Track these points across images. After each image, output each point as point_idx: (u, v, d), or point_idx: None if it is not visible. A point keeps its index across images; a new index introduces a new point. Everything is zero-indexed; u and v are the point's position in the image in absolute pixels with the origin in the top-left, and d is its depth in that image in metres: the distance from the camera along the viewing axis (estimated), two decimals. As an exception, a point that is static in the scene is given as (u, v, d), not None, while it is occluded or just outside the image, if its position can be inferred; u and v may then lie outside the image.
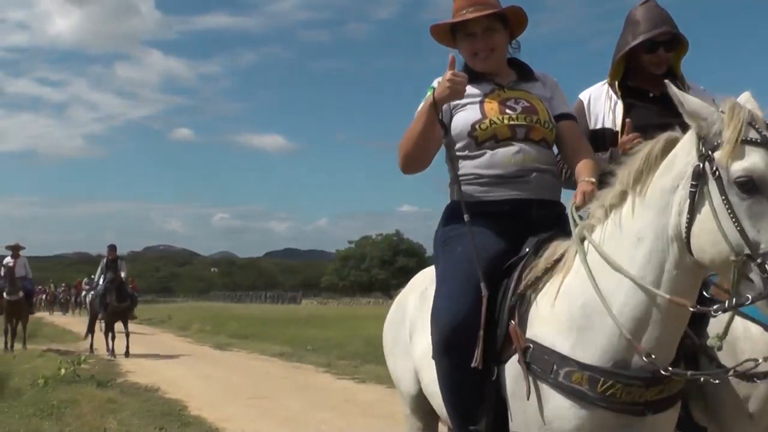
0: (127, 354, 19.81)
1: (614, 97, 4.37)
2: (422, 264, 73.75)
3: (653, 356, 2.95)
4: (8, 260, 21.51)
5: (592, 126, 4.38)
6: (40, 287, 54.52)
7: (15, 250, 22.15)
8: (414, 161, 3.97)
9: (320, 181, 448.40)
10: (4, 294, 20.84)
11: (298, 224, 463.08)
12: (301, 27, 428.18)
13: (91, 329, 21.88)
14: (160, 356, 18.74)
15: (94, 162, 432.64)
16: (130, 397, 12.61)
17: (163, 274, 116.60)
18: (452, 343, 3.45)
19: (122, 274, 20.68)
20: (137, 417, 10.62)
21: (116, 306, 20.05)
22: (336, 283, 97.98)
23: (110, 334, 20.23)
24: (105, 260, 20.97)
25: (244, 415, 11.13)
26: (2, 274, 21.20)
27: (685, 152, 2.90)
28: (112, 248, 21.06)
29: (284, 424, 10.56)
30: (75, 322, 39.19)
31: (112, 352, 19.85)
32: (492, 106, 3.84)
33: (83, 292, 40.25)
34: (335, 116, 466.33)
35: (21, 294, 21.06)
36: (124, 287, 20.71)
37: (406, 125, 3.89)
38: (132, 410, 11.15)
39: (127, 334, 20.39)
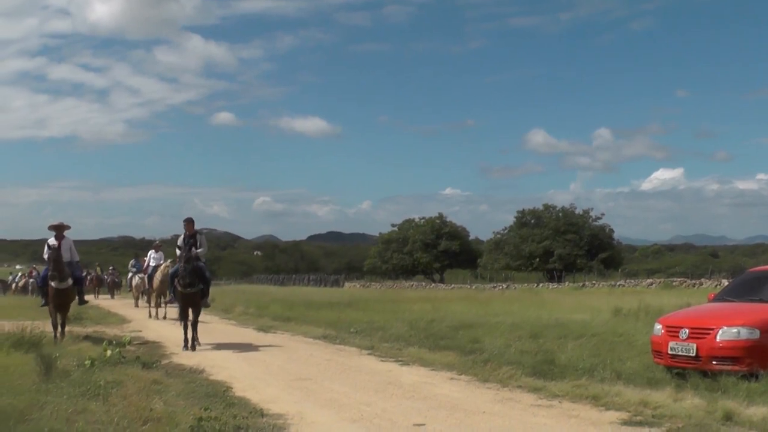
0: (193, 347, 17.78)
1: None
2: (465, 247, 73.53)
3: None
4: (52, 242, 18.46)
5: None
6: (87, 271, 54.98)
7: (59, 230, 18.95)
8: None
9: (362, 164, 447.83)
10: (51, 281, 18.21)
11: (341, 207, 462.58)
12: (340, 10, 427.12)
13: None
14: (206, 338, 18.76)
15: (137, 147, 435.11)
16: (174, 378, 12.70)
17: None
18: None
19: (200, 250, 18.65)
20: (182, 398, 10.69)
21: (182, 291, 18.10)
22: (379, 266, 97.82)
23: (184, 324, 18.16)
24: (183, 235, 18.93)
25: (287, 397, 11.17)
26: (46, 257, 18.39)
27: None
28: (189, 221, 19.04)
29: (328, 405, 10.58)
30: (119, 304, 39.57)
31: (186, 344, 17.78)
32: None
33: (129, 275, 40.50)
34: (376, 99, 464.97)
35: (70, 281, 18.39)
36: (196, 268, 18.20)
37: (446, 109, 3.60)
38: (177, 391, 11.22)
39: (194, 325, 18.18)
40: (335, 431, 8.89)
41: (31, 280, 51.33)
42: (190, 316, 18.09)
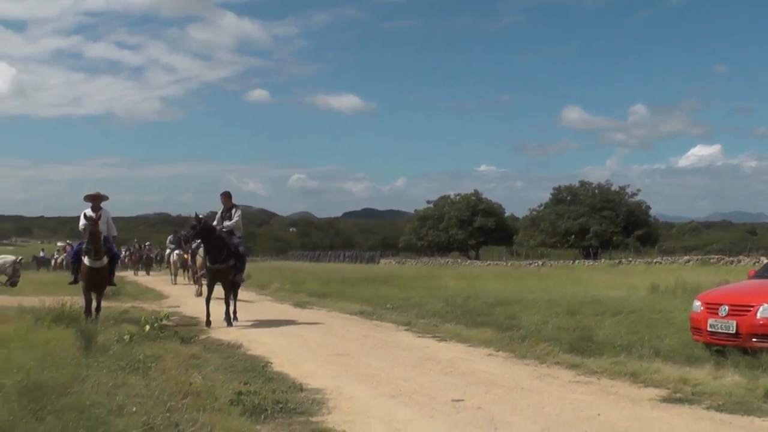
0: (229, 322, 17.63)
1: None
2: (500, 224, 73.24)
3: None
4: (89, 213, 16.71)
5: None
6: (126, 248, 55.34)
7: (96, 200, 17.16)
8: None
9: (397, 141, 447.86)
10: (85, 258, 16.54)
11: (376, 184, 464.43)
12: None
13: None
14: (243, 314, 18.82)
15: (172, 124, 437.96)
16: (213, 353, 12.79)
17: (242, 234, 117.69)
18: None
19: (227, 224, 18.45)
20: (221, 372, 10.76)
21: (210, 266, 18.02)
22: (414, 243, 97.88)
23: (207, 300, 17.80)
24: (221, 210, 18.85)
25: (325, 372, 11.21)
26: (82, 228, 16.75)
27: None
28: (225, 195, 18.87)
29: (365, 380, 10.60)
30: (156, 281, 39.81)
31: (209, 322, 17.32)
32: None
33: (167, 251, 40.72)
34: (410, 76, 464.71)
35: (105, 260, 16.75)
36: (223, 242, 17.88)
37: (481, 85, 3.57)
38: (215, 366, 11.30)
39: (226, 301, 18.16)
40: (374, 406, 8.89)
41: (65, 254, 51.64)
42: (214, 293, 18.06)
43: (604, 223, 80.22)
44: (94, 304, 16.95)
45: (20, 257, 21.30)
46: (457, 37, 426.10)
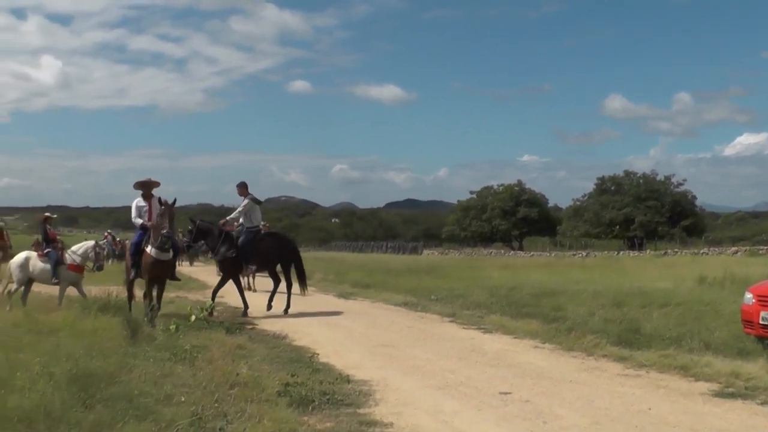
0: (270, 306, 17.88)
1: None
2: (544, 214, 72.76)
3: None
4: (141, 203, 16.06)
5: None
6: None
7: (147, 187, 16.28)
8: None
9: (438, 130, 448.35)
10: (148, 249, 15.47)
11: (418, 175, 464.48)
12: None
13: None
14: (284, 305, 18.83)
15: (214, 115, 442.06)
16: (258, 343, 12.83)
17: (284, 224, 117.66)
18: None
19: (231, 215, 18.28)
20: (267, 363, 10.80)
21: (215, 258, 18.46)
22: (457, 233, 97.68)
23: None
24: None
25: (371, 363, 11.18)
26: (137, 220, 16.00)
27: None
28: (239, 185, 18.38)
29: (411, 372, 10.57)
30: (199, 270, 39.96)
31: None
32: None
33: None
34: (450, 65, 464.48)
35: (171, 253, 15.89)
36: (224, 236, 17.84)
37: (522, 74, 3.43)
38: (261, 356, 11.34)
39: (239, 290, 18.53)
40: (420, 398, 8.85)
41: (103, 241, 51.86)
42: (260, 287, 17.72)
43: (649, 214, 79.53)
44: (134, 297, 16.45)
45: (104, 240, 21.16)
46: (498, 25, 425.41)
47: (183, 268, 44.97)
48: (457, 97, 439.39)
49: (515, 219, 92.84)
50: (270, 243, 18.33)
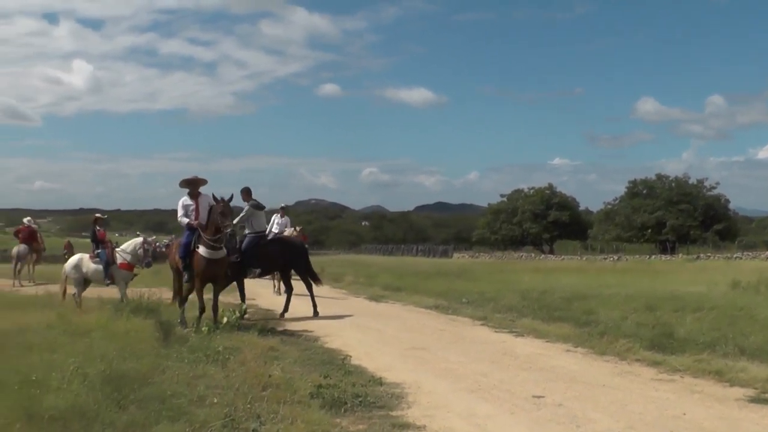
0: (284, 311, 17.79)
1: None
2: (575, 218, 72.54)
3: None
4: (187, 201, 15.47)
5: None
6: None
7: (194, 185, 15.67)
8: None
9: (468, 134, 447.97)
10: (200, 249, 14.89)
11: (448, 178, 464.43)
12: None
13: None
14: (318, 307, 18.84)
15: (244, 118, 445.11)
16: (290, 345, 12.84)
17: (314, 227, 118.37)
18: None
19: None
20: (299, 365, 10.82)
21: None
22: (488, 236, 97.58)
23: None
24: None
25: (402, 366, 11.16)
26: (184, 220, 15.46)
27: None
28: (242, 191, 17.97)
29: (444, 375, 10.54)
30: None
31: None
32: None
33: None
34: (481, 68, 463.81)
35: (224, 251, 15.25)
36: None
37: (553, 77, 3.43)
38: (293, 358, 11.36)
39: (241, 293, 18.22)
40: (453, 401, 8.82)
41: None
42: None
43: (681, 217, 79.07)
44: (182, 298, 16.09)
45: (153, 237, 21.01)
46: (529, 28, 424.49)
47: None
48: (488, 100, 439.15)
49: (546, 222, 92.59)
50: (275, 248, 18.29)
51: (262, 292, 25.42)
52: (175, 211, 15.84)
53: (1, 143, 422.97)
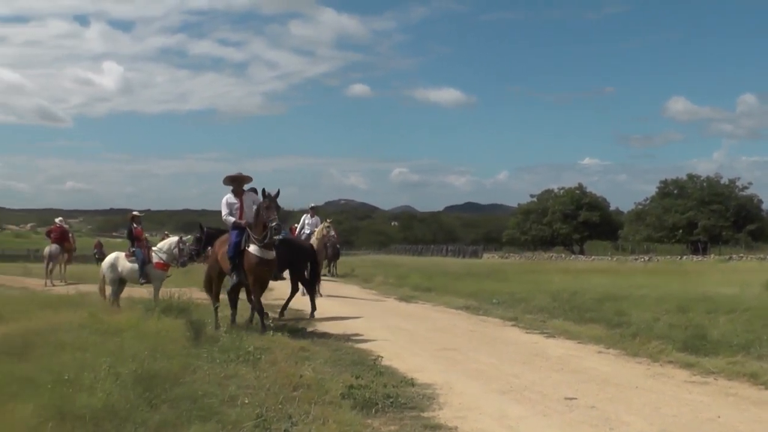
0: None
1: None
2: (606, 218, 72.15)
3: None
4: (231, 199, 15.09)
5: None
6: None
7: (238, 182, 15.33)
8: None
9: (498, 134, 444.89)
10: (250, 248, 14.43)
11: (478, 178, 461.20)
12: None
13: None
14: (348, 307, 18.91)
15: (274, 119, 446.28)
16: (321, 346, 12.81)
17: (344, 227, 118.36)
18: None
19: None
20: (330, 365, 10.82)
21: None
22: (517, 237, 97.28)
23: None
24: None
25: (433, 367, 11.14)
26: (229, 218, 14.96)
27: None
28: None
29: (475, 376, 10.51)
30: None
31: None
32: None
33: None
34: (510, 68, 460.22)
35: (274, 252, 14.74)
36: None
37: (583, 77, 3.33)
38: (324, 358, 11.36)
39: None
40: (485, 403, 8.79)
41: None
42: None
43: (713, 218, 78.45)
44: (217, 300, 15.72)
45: (188, 236, 20.82)
46: (558, 27, 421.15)
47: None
48: (518, 100, 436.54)
49: (576, 223, 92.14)
50: (282, 250, 18.11)
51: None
52: (205, 211, 15.93)
53: (33, 144, 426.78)
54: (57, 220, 33.66)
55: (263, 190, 14.37)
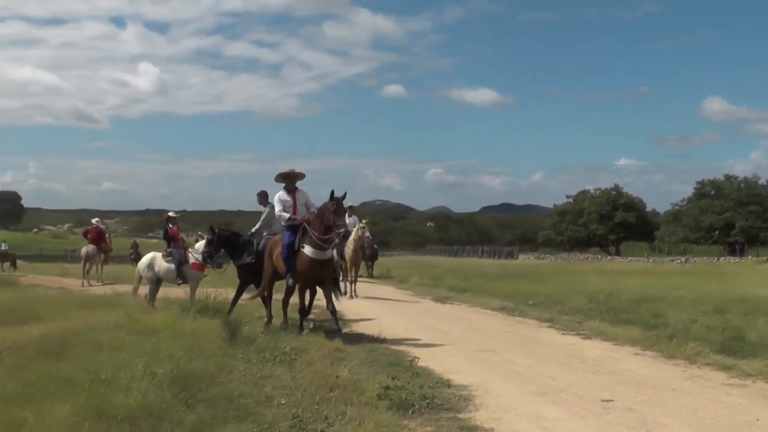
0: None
1: None
2: (642, 219, 71.87)
3: None
4: (284, 197, 14.76)
5: None
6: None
7: (290, 179, 14.99)
8: None
9: (533, 134, 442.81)
10: (304, 248, 14.13)
11: (513, 179, 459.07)
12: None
13: None
14: (384, 308, 18.92)
15: (309, 120, 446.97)
16: (356, 346, 12.82)
17: (380, 228, 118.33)
18: None
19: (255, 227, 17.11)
20: (366, 366, 10.82)
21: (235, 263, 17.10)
22: (553, 238, 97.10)
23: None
24: None
25: (470, 368, 11.12)
26: (282, 216, 14.76)
27: None
28: (261, 194, 17.25)
29: (511, 377, 10.48)
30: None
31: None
32: None
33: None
34: (546, 68, 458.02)
35: (332, 251, 14.59)
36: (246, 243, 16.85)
37: (619, 77, 3.24)
38: (360, 359, 11.37)
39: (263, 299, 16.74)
40: (521, 404, 8.75)
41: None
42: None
43: (751, 219, 77.89)
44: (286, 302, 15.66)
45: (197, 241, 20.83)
46: (594, 27, 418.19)
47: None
48: (554, 100, 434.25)
49: (612, 224, 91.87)
50: None
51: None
52: (240, 212, 15.95)
53: (70, 145, 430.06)
54: (94, 220, 34.01)
55: (332, 192, 13.96)
